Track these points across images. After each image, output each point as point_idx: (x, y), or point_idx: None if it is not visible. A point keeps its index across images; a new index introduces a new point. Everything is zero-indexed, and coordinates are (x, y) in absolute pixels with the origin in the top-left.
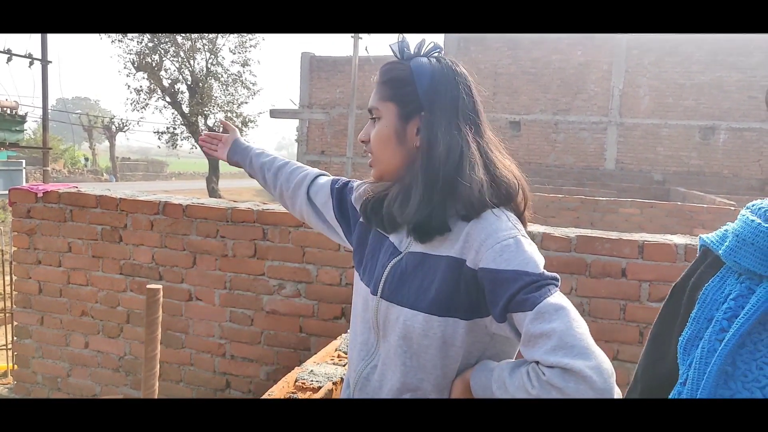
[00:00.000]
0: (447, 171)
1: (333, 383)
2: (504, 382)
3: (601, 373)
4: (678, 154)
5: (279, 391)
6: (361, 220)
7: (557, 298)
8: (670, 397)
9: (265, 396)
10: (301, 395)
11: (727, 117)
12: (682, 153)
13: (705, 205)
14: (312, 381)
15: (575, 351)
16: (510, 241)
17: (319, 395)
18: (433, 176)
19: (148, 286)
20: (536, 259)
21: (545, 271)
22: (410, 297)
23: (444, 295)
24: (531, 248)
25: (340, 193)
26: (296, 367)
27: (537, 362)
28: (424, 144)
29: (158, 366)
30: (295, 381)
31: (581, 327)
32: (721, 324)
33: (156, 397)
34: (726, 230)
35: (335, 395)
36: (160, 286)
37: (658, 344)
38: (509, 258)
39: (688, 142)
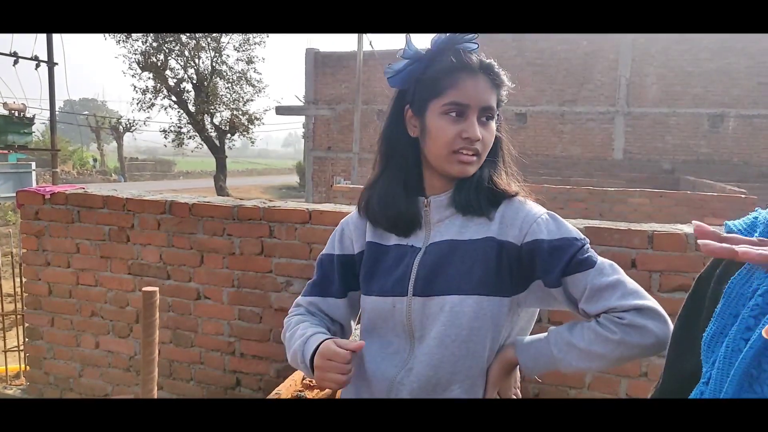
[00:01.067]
0: (505, 158)
1: None
2: (568, 342)
3: (662, 309)
4: (687, 143)
5: (286, 389)
6: (356, 252)
7: (603, 257)
8: (691, 396)
9: (273, 394)
10: (308, 393)
11: (736, 104)
12: (691, 141)
13: (715, 194)
14: None
15: (640, 294)
16: (547, 216)
17: (325, 393)
18: (504, 160)
19: (144, 289)
20: (576, 228)
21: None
22: (452, 284)
23: (489, 275)
24: (565, 220)
25: (326, 280)
26: None
27: (606, 312)
28: (499, 141)
29: (156, 369)
30: (302, 379)
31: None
32: (747, 322)
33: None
34: (756, 217)
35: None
36: (156, 289)
37: (682, 338)
38: (554, 229)
39: (697, 130)
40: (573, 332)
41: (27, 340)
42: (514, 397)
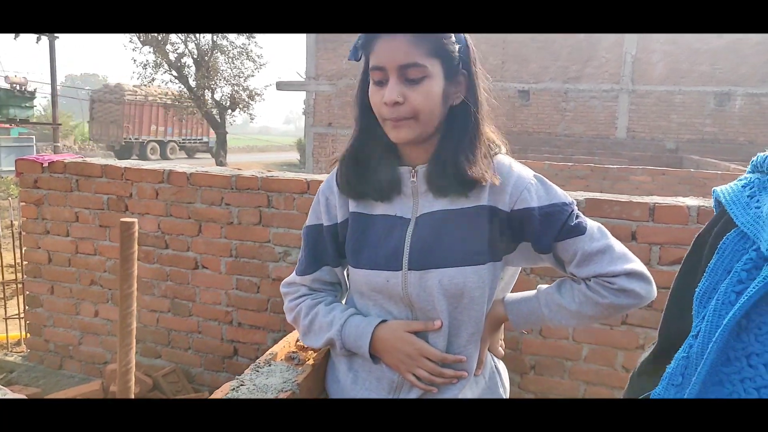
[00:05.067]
0: (480, 125)
1: None
2: (558, 303)
3: (645, 268)
4: (692, 122)
5: (280, 350)
6: (339, 222)
7: (591, 220)
8: (680, 350)
9: (266, 354)
10: (302, 354)
11: (743, 82)
12: (696, 120)
13: (719, 172)
14: None
15: (628, 258)
16: (535, 180)
17: (320, 354)
18: (477, 132)
19: (122, 220)
20: (563, 191)
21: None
22: (449, 256)
23: (484, 243)
24: (552, 183)
25: (320, 251)
26: None
27: (596, 276)
28: (469, 102)
29: (135, 303)
30: (296, 341)
31: (618, 240)
32: (739, 276)
33: (134, 335)
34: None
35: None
36: (135, 220)
37: (677, 299)
38: (543, 194)
39: (703, 108)
40: (563, 294)
41: (27, 307)
42: (501, 350)
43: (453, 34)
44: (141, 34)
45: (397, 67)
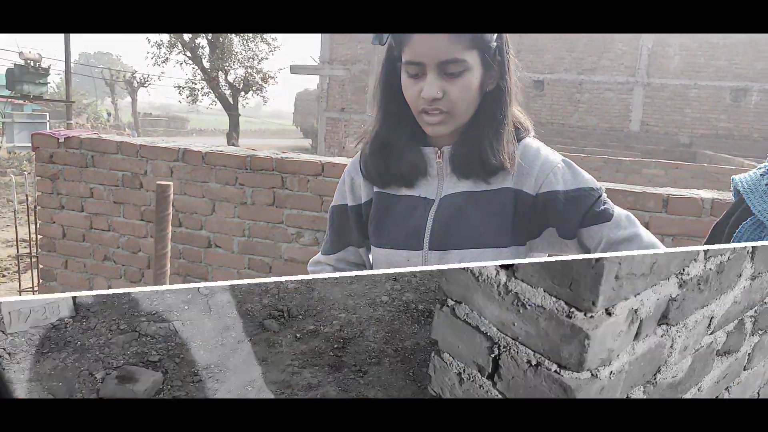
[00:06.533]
0: (509, 110)
1: None
2: None
3: None
4: (706, 117)
5: None
6: (363, 202)
7: (620, 208)
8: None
9: None
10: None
11: (760, 78)
12: (711, 115)
13: (733, 167)
14: None
15: (656, 248)
16: (563, 164)
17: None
18: (506, 118)
19: (158, 182)
20: (591, 176)
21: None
22: (471, 237)
23: (507, 226)
24: (580, 168)
25: (345, 231)
26: None
27: None
28: (501, 88)
29: (168, 264)
30: None
31: (646, 229)
32: None
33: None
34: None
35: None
36: (171, 183)
37: None
38: (570, 179)
39: (718, 103)
40: None
41: (41, 281)
42: None
43: None
44: None
45: (437, 63)
